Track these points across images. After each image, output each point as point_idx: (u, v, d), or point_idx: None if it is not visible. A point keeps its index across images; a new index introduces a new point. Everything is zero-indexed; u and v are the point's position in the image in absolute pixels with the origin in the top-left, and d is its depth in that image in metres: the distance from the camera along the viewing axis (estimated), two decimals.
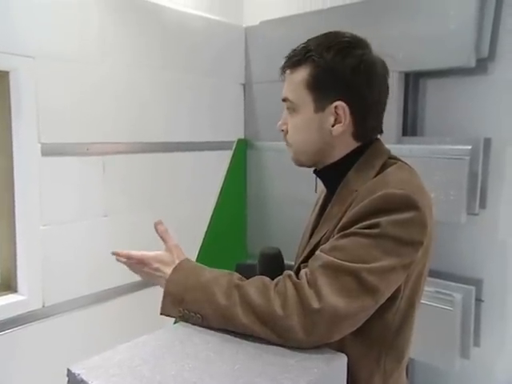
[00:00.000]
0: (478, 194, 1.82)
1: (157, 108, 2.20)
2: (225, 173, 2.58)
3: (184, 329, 0.82)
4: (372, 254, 0.76)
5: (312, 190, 1.08)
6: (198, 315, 0.81)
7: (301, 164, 0.96)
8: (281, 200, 2.52)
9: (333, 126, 0.87)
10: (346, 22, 2.14)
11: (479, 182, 1.82)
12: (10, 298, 1.76)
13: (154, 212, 2.18)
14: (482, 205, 1.86)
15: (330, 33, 0.90)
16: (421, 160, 1.86)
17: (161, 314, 0.86)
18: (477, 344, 1.91)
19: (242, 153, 2.66)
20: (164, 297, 0.86)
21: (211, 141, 2.48)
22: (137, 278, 2.41)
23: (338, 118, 0.87)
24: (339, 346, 0.77)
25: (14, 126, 1.73)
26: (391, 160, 0.90)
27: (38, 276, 1.79)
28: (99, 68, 1.94)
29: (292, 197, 2.42)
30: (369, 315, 0.78)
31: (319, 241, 0.89)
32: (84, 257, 1.93)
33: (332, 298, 0.73)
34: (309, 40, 0.90)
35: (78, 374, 0.67)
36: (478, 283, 1.88)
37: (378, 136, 0.95)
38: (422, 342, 1.67)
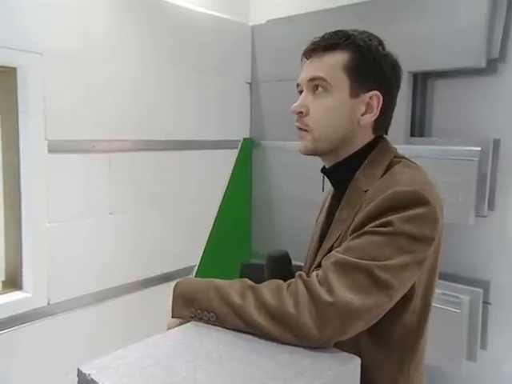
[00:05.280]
0: (486, 195, 1.80)
1: (163, 106, 2.19)
2: (230, 172, 2.57)
3: (195, 329, 0.81)
4: (385, 253, 0.75)
5: (317, 189, 1.06)
6: (212, 313, 0.80)
7: (314, 151, 0.90)
8: (286, 199, 2.51)
9: (362, 115, 0.87)
10: (354, 20, 2.12)
11: (488, 183, 1.80)
12: (14, 296, 1.75)
13: (160, 210, 2.17)
14: (491, 207, 1.84)
15: (357, 30, 0.90)
16: (429, 161, 1.84)
17: (172, 316, 0.85)
18: (484, 347, 1.89)
19: (248, 152, 2.65)
20: (174, 299, 0.85)
21: (217, 139, 2.47)
22: (143, 275, 2.40)
23: (369, 108, 0.87)
24: (356, 352, 0.75)
25: (21, 122, 1.72)
26: (396, 159, 0.89)
27: (43, 273, 1.78)
28: (106, 65, 1.94)
29: (297, 196, 2.41)
30: (382, 313, 0.77)
31: (332, 245, 0.87)
32: (89, 254, 1.92)
33: (344, 292, 0.72)
34: (340, 30, 0.88)
35: (89, 374, 0.66)
36: (485, 285, 1.87)
37: (384, 135, 0.95)
38: (429, 345, 1.66)
